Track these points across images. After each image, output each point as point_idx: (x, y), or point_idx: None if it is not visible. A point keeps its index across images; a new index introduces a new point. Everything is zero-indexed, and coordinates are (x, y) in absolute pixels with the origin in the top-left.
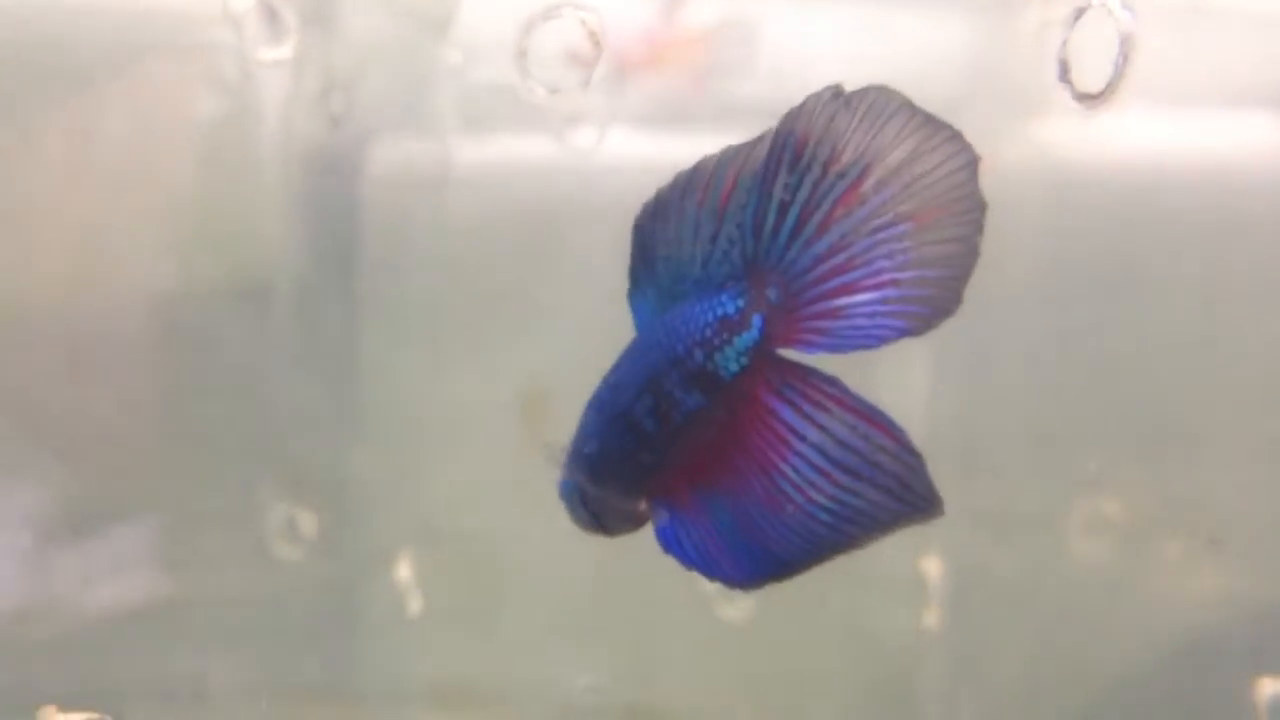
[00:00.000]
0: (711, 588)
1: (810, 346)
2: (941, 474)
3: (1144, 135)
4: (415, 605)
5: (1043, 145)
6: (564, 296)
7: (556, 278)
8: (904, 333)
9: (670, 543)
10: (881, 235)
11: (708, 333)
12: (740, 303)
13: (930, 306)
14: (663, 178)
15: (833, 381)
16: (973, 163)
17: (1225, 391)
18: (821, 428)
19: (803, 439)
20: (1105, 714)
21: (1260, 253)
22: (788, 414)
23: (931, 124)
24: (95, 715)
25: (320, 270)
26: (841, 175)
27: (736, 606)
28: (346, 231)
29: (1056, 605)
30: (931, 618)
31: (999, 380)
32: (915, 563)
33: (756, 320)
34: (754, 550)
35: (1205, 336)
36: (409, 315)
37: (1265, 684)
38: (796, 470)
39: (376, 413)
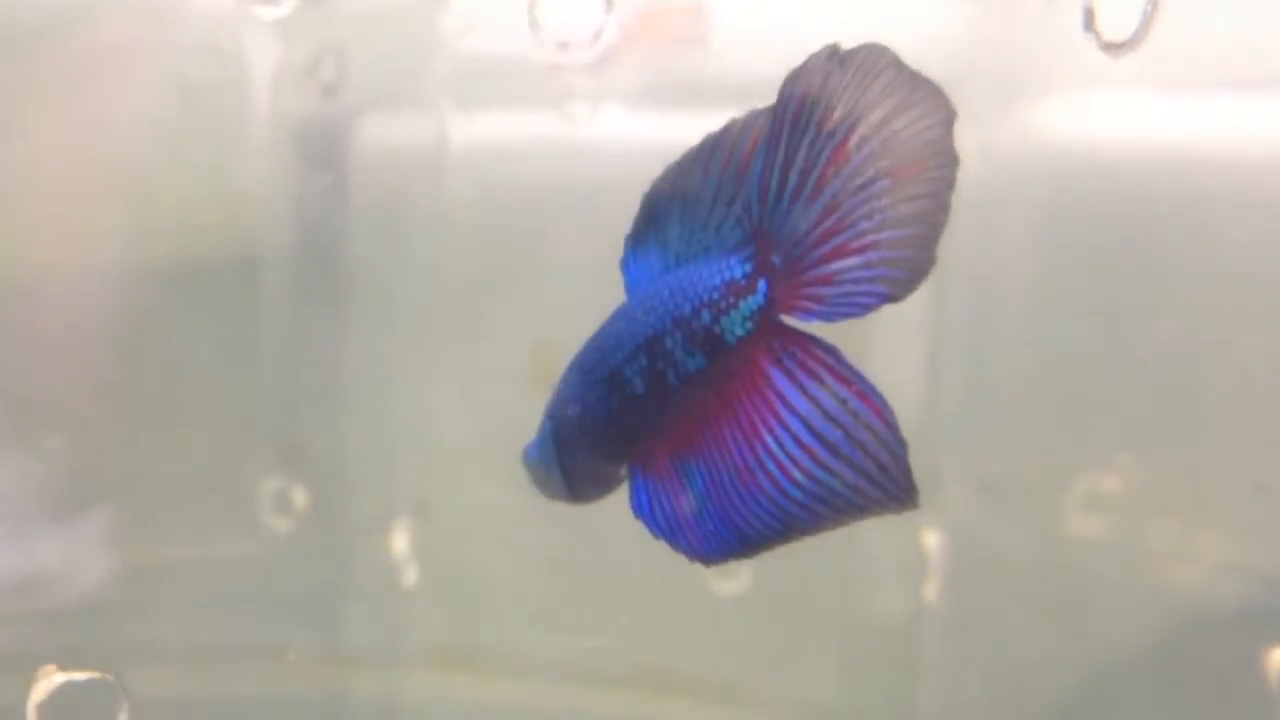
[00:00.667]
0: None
1: (807, 314)
2: (942, 448)
3: (1146, 114)
4: (410, 576)
5: (1046, 122)
6: (560, 270)
7: (553, 251)
8: (885, 298)
9: (642, 509)
10: (863, 194)
11: (715, 295)
12: (748, 267)
13: (906, 269)
14: (662, 152)
15: (832, 351)
16: (949, 119)
17: (1229, 369)
18: (812, 398)
19: (791, 409)
20: (1113, 685)
21: (1265, 231)
22: (781, 381)
23: (914, 81)
24: (96, 674)
25: (311, 241)
26: (832, 134)
27: (734, 581)
28: (338, 202)
29: (1060, 578)
30: (931, 590)
31: (1000, 355)
32: (915, 535)
33: (762, 285)
34: (721, 523)
35: (1210, 316)
36: (402, 287)
37: (1276, 654)
38: (779, 442)
39: (368, 386)
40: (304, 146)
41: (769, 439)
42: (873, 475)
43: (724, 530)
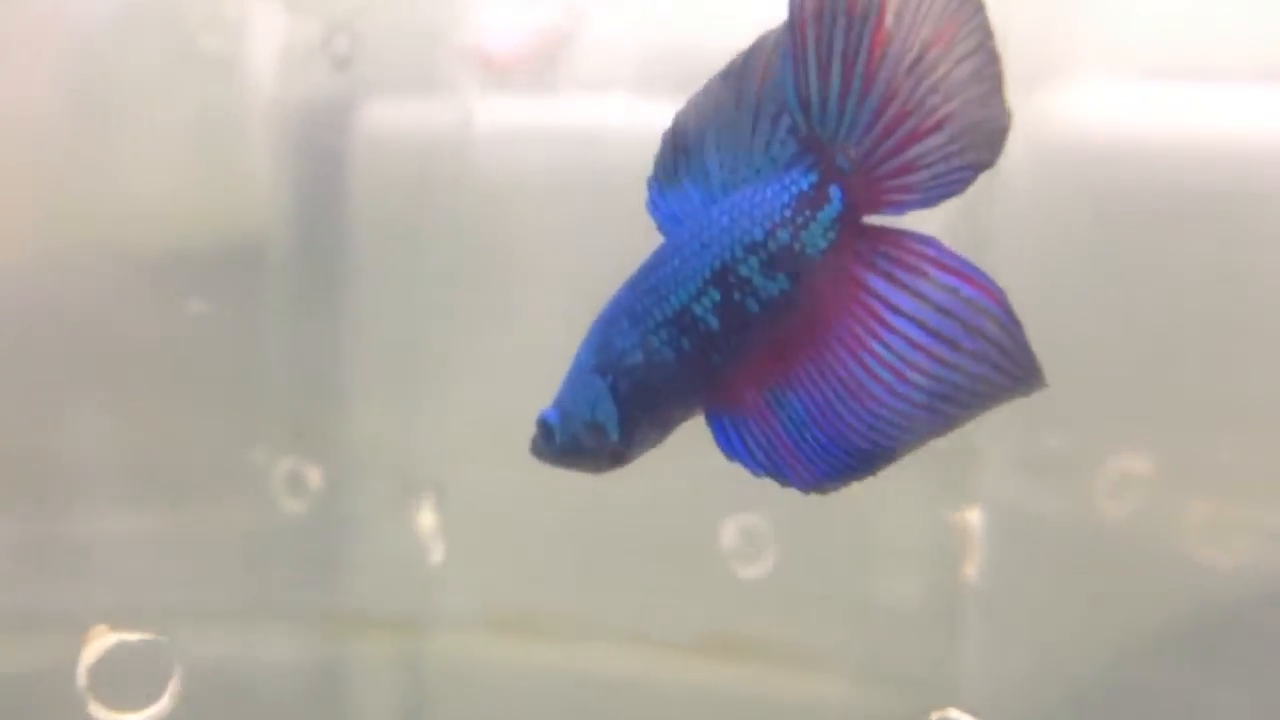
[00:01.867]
0: (729, 545)
1: (899, 207)
2: (982, 425)
3: (1155, 103)
4: (437, 553)
5: (1062, 111)
6: (578, 249)
7: (571, 230)
8: (979, 168)
9: (737, 450)
10: (918, 70)
11: (788, 212)
12: (813, 177)
13: (987, 131)
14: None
15: (928, 241)
16: None
17: (1264, 348)
18: (919, 295)
19: (897, 312)
20: (1154, 663)
21: None
22: (881, 286)
23: None
24: (147, 636)
25: (323, 220)
26: (864, 18)
27: (756, 565)
28: (350, 180)
29: (1101, 556)
30: (971, 568)
31: (1039, 335)
32: (956, 513)
33: (835, 192)
34: (834, 445)
35: (1246, 293)
36: (416, 267)
37: None
38: (890, 348)
39: (379, 365)
40: (314, 122)
41: (877, 346)
42: (995, 361)
43: (837, 452)
